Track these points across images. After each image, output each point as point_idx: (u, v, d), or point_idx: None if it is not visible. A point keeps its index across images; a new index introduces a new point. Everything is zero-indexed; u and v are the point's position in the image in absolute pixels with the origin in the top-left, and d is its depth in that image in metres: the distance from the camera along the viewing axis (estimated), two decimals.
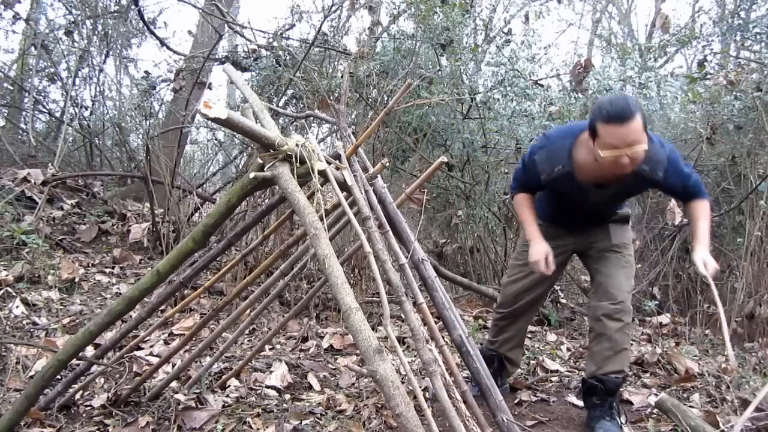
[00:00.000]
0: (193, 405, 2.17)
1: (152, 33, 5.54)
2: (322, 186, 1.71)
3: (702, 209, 2.20)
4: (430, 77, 4.11)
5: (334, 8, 4.42)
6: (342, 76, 4.14)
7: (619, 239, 2.32)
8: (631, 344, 2.35)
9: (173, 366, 2.45)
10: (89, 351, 2.37)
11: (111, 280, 3.65)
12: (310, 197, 1.84)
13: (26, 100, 5.97)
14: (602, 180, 2.10)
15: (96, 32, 5.66)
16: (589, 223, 2.36)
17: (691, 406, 2.50)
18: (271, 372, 2.60)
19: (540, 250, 2.21)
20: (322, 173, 1.71)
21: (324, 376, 2.73)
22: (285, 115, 3.94)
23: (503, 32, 4.70)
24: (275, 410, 2.27)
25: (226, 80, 8.40)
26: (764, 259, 3.75)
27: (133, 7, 5.28)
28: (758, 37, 4.32)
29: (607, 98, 1.94)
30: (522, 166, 2.32)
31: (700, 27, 4.68)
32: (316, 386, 2.57)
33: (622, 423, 2.23)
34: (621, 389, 2.32)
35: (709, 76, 4.22)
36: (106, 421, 2.07)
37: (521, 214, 2.36)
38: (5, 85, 6.09)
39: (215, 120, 1.49)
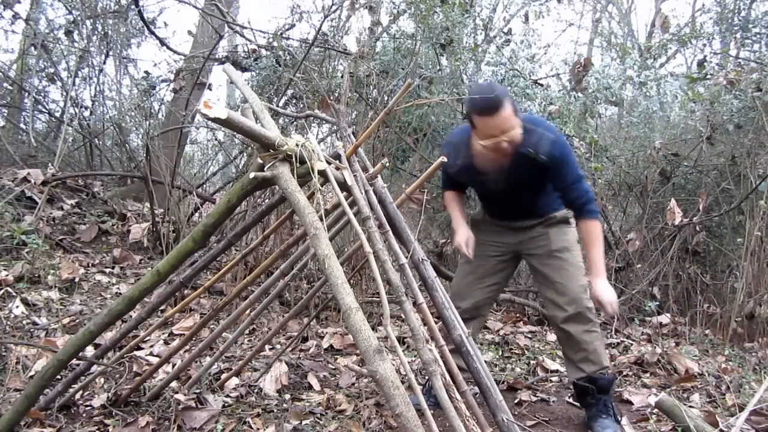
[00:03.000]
0: (193, 405, 2.17)
1: (152, 33, 5.54)
2: (322, 186, 1.71)
3: (593, 232, 2.19)
4: (430, 77, 4.10)
5: (334, 8, 4.42)
6: (342, 76, 4.13)
7: (558, 243, 2.29)
8: (602, 338, 2.31)
9: (173, 366, 2.45)
10: (89, 351, 2.37)
11: (111, 280, 3.65)
12: (310, 197, 1.84)
13: (26, 100, 5.96)
14: (495, 165, 2.20)
15: (96, 32, 5.66)
16: (520, 216, 2.36)
17: (691, 406, 2.50)
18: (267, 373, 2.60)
19: (462, 235, 2.33)
20: (322, 173, 1.71)
21: (324, 376, 2.73)
22: (285, 115, 3.94)
23: (503, 32, 4.70)
24: (275, 410, 2.27)
25: (226, 80, 8.41)
26: (764, 259, 3.75)
27: (133, 7, 5.28)
28: (758, 36, 4.32)
29: (476, 88, 2.06)
30: (443, 171, 2.45)
31: (700, 27, 4.68)
32: (316, 386, 2.57)
33: (619, 419, 2.23)
34: (615, 385, 2.31)
35: (709, 76, 4.22)
36: (106, 421, 2.07)
37: (448, 208, 2.51)
38: (5, 85, 6.09)
39: (215, 120, 1.49)
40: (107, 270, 3.79)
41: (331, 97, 3.83)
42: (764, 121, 3.73)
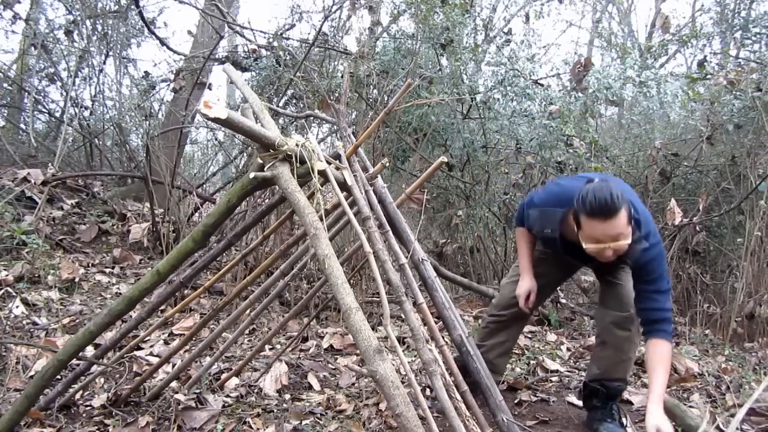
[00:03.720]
0: (193, 405, 2.17)
1: (152, 33, 5.54)
2: (322, 186, 1.71)
3: (663, 353, 1.97)
4: (430, 77, 4.11)
5: (334, 8, 4.42)
6: (342, 76, 4.13)
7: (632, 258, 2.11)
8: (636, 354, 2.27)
9: (173, 366, 2.45)
10: (89, 351, 2.37)
11: (111, 280, 3.65)
12: (310, 197, 1.84)
13: (26, 100, 5.96)
14: (586, 257, 2.03)
15: (96, 32, 5.66)
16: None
17: (691, 406, 2.50)
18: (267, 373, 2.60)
19: (524, 287, 2.25)
20: (322, 173, 1.71)
21: (324, 376, 2.73)
22: (285, 115, 3.94)
23: (503, 32, 4.70)
24: (275, 410, 2.27)
25: (226, 80, 8.42)
26: (764, 259, 3.75)
27: (133, 7, 5.28)
28: (758, 36, 4.32)
29: (591, 188, 1.81)
30: (521, 207, 2.34)
31: (700, 27, 4.68)
32: (316, 386, 2.57)
33: (624, 424, 2.23)
34: (623, 393, 2.31)
35: (709, 76, 4.22)
36: (106, 421, 2.07)
37: (519, 245, 2.38)
38: (5, 85, 6.09)
39: (215, 120, 1.49)
40: (107, 270, 3.79)
41: (331, 98, 3.83)
42: (764, 121, 3.73)
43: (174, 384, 2.32)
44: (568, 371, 3.03)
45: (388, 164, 1.90)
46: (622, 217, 1.79)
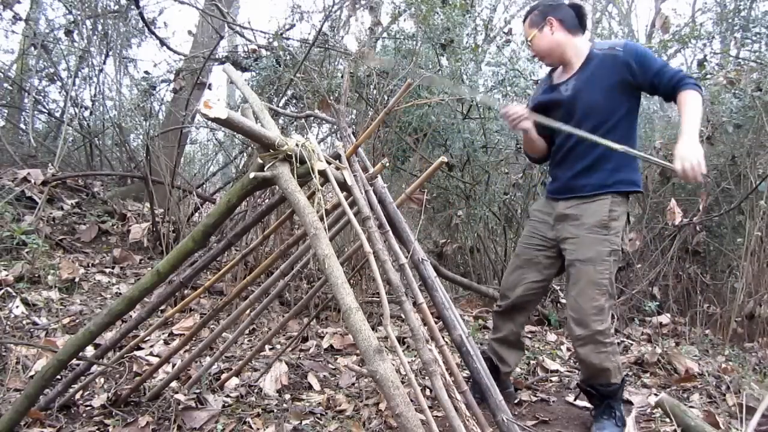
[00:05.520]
0: (193, 405, 2.17)
1: (152, 33, 5.54)
2: (322, 186, 1.71)
3: (691, 100, 2.05)
4: (430, 77, 4.10)
5: (335, 8, 4.42)
6: (342, 76, 4.13)
7: (588, 254, 2.14)
8: (615, 354, 2.19)
9: (173, 366, 2.45)
10: (89, 351, 2.37)
11: (111, 280, 3.65)
12: (310, 197, 1.84)
13: (26, 100, 5.96)
14: (563, 73, 2.33)
15: (96, 32, 5.65)
16: (583, 174, 2.23)
17: (691, 406, 2.50)
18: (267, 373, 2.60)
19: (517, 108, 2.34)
20: (322, 173, 1.71)
21: (324, 376, 2.73)
22: (285, 115, 3.94)
23: (503, 32, 4.70)
24: (275, 410, 2.27)
25: (226, 80, 8.41)
26: (764, 259, 3.75)
27: (133, 7, 5.28)
28: (758, 36, 4.32)
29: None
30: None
31: (700, 26, 4.68)
32: (316, 386, 2.57)
33: (621, 423, 2.22)
34: (622, 390, 2.29)
35: (709, 76, 4.22)
36: (106, 421, 2.07)
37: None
38: (5, 85, 6.09)
39: (215, 120, 1.49)
40: (107, 270, 3.79)
41: (331, 97, 3.83)
42: (764, 121, 3.73)
43: (174, 384, 2.32)
44: (568, 371, 3.03)
45: (388, 164, 1.90)
46: (528, 21, 2.33)
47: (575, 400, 2.56)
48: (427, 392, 2.42)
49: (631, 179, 2.24)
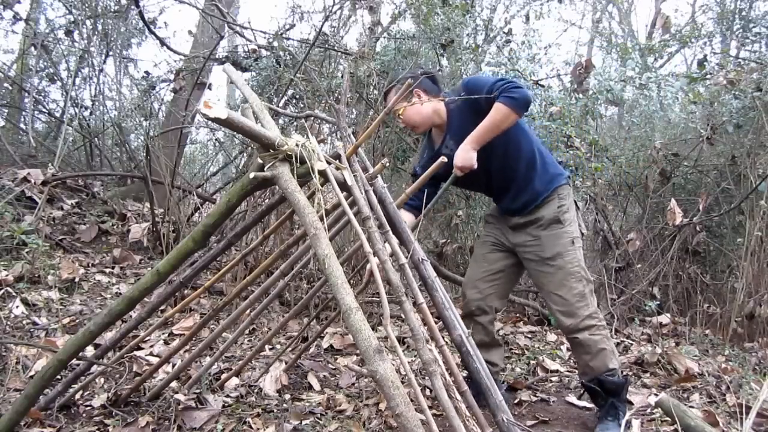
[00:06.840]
0: (193, 405, 2.17)
1: (152, 33, 5.54)
2: (322, 186, 1.71)
3: (494, 109, 2.13)
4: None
5: (335, 8, 4.42)
6: (342, 76, 4.13)
7: (551, 250, 2.27)
8: (609, 338, 2.26)
9: (173, 366, 2.45)
10: (89, 351, 2.37)
11: (111, 280, 3.65)
12: (310, 197, 1.84)
13: (26, 100, 5.96)
14: (438, 135, 2.46)
15: (96, 32, 5.65)
16: (515, 197, 2.35)
17: (691, 406, 2.50)
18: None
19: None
20: (322, 173, 1.71)
21: (324, 376, 2.73)
22: (285, 115, 3.94)
23: (504, 32, 4.69)
24: (275, 410, 2.27)
25: (226, 80, 8.42)
26: (764, 259, 3.75)
27: (133, 7, 5.28)
28: (758, 36, 4.32)
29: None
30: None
31: (700, 26, 4.68)
32: (316, 386, 2.57)
33: (622, 423, 2.22)
34: (626, 389, 2.29)
35: (709, 76, 4.22)
36: (106, 421, 2.07)
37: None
38: (5, 85, 6.09)
39: (215, 120, 1.49)
40: (107, 270, 3.79)
41: (332, 97, 3.83)
42: (764, 121, 3.73)
43: (174, 384, 2.32)
44: (568, 371, 3.03)
45: (388, 164, 1.90)
46: (393, 94, 2.39)
47: (580, 398, 2.56)
48: (427, 392, 2.42)
49: (557, 172, 2.38)
